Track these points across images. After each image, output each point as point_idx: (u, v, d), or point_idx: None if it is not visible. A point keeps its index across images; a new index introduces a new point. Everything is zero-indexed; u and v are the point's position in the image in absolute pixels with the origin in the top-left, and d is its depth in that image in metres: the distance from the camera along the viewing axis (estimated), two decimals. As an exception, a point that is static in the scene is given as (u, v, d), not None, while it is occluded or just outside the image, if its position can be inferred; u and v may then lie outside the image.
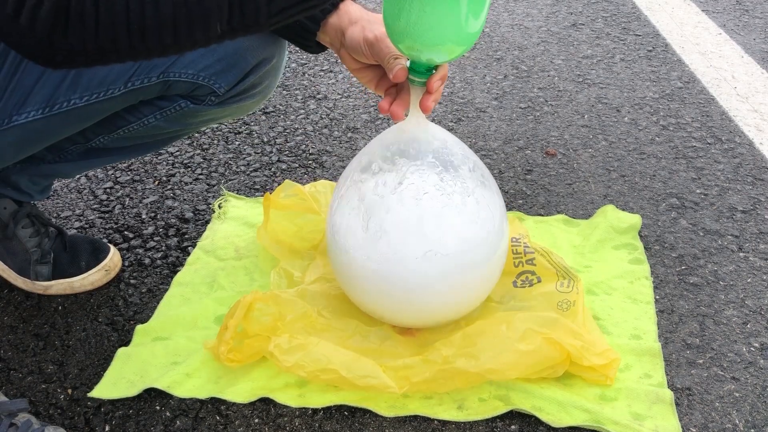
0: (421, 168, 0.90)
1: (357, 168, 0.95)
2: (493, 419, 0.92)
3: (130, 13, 0.59)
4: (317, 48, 0.98)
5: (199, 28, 0.62)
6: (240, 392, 0.94)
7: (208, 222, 1.30)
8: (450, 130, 1.62)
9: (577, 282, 1.03)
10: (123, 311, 1.10)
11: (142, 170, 1.47)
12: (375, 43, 0.87)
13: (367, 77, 0.95)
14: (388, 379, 0.92)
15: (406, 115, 0.91)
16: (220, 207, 1.32)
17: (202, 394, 0.94)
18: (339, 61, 0.79)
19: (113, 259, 1.16)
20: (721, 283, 1.16)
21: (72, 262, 1.12)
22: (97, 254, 1.15)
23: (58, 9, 0.57)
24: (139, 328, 1.05)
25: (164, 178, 1.44)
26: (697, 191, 1.39)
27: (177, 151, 1.54)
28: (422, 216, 0.89)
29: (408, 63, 0.86)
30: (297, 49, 1.42)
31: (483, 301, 1.02)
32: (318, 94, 1.81)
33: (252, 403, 0.94)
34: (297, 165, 1.49)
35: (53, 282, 1.12)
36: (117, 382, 0.96)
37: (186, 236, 1.27)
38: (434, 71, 0.86)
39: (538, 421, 0.91)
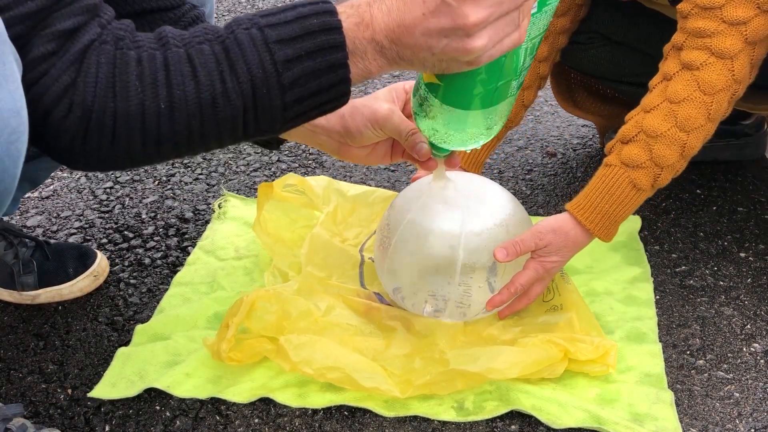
0: None
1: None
2: (493, 419, 0.92)
3: (145, 126, 0.62)
4: (274, 145, 0.97)
5: (213, 139, 0.65)
6: (240, 392, 0.94)
7: (208, 222, 1.30)
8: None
9: (561, 283, 1.05)
10: (123, 311, 1.10)
11: (142, 170, 1.47)
12: (386, 122, 0.84)
13: (381, 153, 0.91)
14: (392, 384, 0.92)
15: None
16: (220, 207, 1.32)
17: (202, 394, 0.94)
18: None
19: (101, 264, 1.15)
20: (721, 283, 1.16)
21: (59, 269, 1.11)
22: (85, 260, 1.13)
23: (81, 121, 0.61)
24: (138, 327, 1.05)
25: (164, 178, 1.43)
26: (697, 191, 1.39)
27: (177, 150, 1.54)
28: None
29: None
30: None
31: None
32: (318, 94, 1.80)
33: (252, 403, 0.94)
34: (297, 165, 1.49)
35: (41, 291, 1.10)
36: (117, 382, 0.96)
37: (186, 236, 1.27)
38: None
39: (538, 421, 0.91)
